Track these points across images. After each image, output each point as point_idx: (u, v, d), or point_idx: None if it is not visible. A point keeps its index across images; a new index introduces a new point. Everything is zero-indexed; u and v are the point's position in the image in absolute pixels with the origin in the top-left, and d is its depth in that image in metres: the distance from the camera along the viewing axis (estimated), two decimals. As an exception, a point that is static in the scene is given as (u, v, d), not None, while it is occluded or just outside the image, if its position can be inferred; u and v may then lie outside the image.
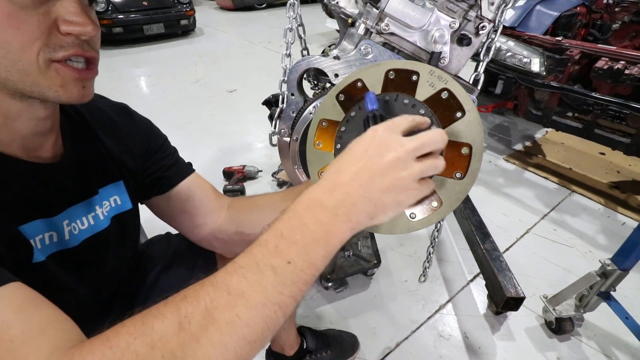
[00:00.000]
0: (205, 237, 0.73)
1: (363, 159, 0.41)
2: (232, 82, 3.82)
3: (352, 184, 0.40)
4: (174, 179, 0.70)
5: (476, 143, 0.50)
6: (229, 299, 0.34)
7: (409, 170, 0.41)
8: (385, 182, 0.40)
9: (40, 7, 0.40)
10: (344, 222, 0.39)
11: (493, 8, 0.66)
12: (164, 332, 0.33)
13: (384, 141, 0.41)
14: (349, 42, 0.97)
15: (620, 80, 1.78)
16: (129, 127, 0.67)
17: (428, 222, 0.54)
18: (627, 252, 1.10)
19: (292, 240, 0.37)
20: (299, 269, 0.37)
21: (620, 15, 2.51)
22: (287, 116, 0.89)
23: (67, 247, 0.54)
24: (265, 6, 8.00)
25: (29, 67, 0.41)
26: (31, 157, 0.50)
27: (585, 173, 2.26)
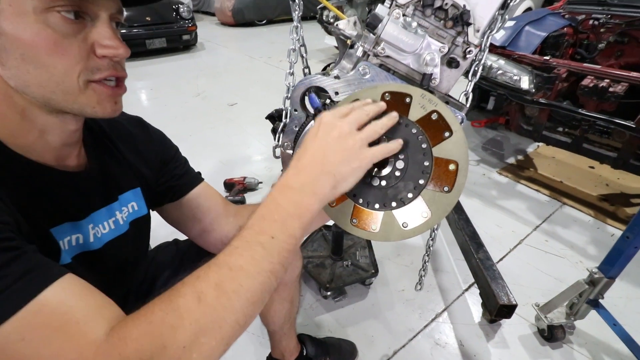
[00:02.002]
0: (213, 242, 0.77)
1: (315, 142, 0.50)
2: (233, 96, 3.91)
3: (311, 164, 0.49)
4: (185, 187, 0.75)
5: (462, 160, 0.56)
6: (232, 273, 0.42)
7: (353, 139, 0.50)
8: (338, 155, 0.49)
9: (79, 34, 0.46)
10: (311, 196, 0.48)
11: (478, 35, 0.73)
12: (187, 306, 0.40)
13: (328, 124, 0.51)
14: (347, 61, 1.04)
15: (605, 98, 1.87)
16: (145, 138, 0.72)
17: (419, 230, 0.59)
18: (613, 260, 1.15)
19: (272, 219, 0.46)
20: (282, 241, 0.46)
21: (605, 36, 2.63)
22: (290, 130, 0.95)
23: (91, 249, 0.59)
24: (265, 22, 8.20)
25: (70, 87, 0.47)
26: (60, 166, 0.56)
27: (575, 186, 2.33)
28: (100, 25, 0.47)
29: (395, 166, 0.57)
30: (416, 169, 0.56)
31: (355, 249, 1.64)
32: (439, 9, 0.73)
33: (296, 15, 1.08)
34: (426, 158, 0.56)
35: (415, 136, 0.56)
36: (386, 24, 0.72)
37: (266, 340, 1.15)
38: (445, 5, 0.72)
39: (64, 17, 0.43)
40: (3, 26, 0.42)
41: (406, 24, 0.73)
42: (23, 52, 0.43)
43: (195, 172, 0.79)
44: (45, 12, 0.42)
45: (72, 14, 0.44)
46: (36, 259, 0.42)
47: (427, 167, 0.56)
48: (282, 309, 0.96)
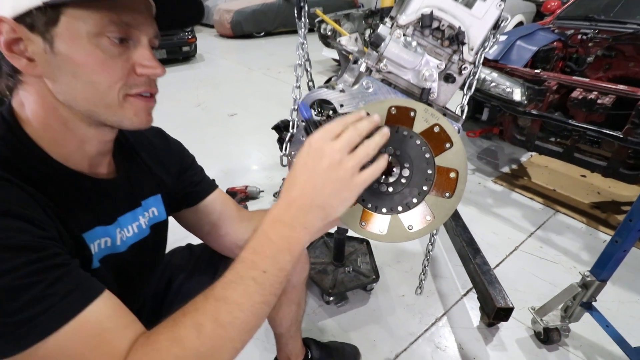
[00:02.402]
0: (228, 245, 0.82)
1: (305, 173, 0.48)
2: (233, 106, 3.97)
3: (301, 197, 0.48)
4: (202, 193, 0.80)
5: (461, 169, 0.61)
6: (227, 307, 0.46)
7: (344, 169, 0.47)
8: (328, 188, 0.47)
9: (123, 55, 0.51)
10: (301, 230, 0.49)
11: (472, 53, 0.80)
12: (188, 337, 0.45)
13: (317, 150, 0.48)
14: (349, 75, 1.10)
15: (593, 109, 1.95)
16: (165, 148, 0.78)
17: (423, 232, 0.64)
18: (603, 264, 1.21)
19: (263, 254, 0.48)
20: (273, 275, 0.48)
21: (593, 50, 2.74)
22: (297, 140, 1.00)
23: (117, 252, 0.63)
24: (263, 34, 8.35)
25: (111, 101, 0.52)
26: (93, 174, 0.60)
27: (568, 194, 2.40)
28: (141, 47, 0.53)
29: (401, 174, 0.62)
30: (420, 176, 0.62)
31: (356, 255, 1.68)
32: (437, 30, 0.79)
33: (302, 32, 1.15)
34: (429, 167, 0.61)
35: (419, 147, 0.62)
36: (388, 43, 0.78)
37: (271, 345, 1.19)
38: (442, 27, 0.78)
39: (112, 41, 0.49)
40: (59, 47, 0.47)
41: (406, 43, 0.79)
42: (74, 70, 0.49)
43: (211, 180, 0.84)
44: (97, 37, 0.48)
45: (118, 39, 0.49)
46: (79, 276, 0.47)
47: (430, 175, 0.61)
48: (290, 311, 1.00)
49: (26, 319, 0.41)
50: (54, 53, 0.47)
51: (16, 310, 0.41)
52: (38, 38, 0.47)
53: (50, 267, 0.44)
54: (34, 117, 0.53)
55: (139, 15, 0.51)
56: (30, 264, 0.42)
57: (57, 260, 0.45)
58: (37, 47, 0.47)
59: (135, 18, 0.51)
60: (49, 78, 0.49)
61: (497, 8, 0.76)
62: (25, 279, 0.41)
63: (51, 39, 0.47)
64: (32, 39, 0.47)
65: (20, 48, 0.48)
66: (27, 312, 0.41)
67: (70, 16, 0.46)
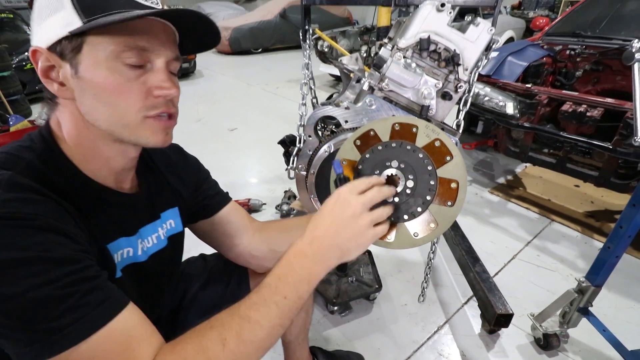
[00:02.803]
0: (241, 254, 0.86)
1: (330, 216, 0.57)
2: (232, 121, 4.04)
3: (325, 237, 0.57)
4: (217, 205, 0.85)
5: (462, 179, 0.66)
6: (250, 326, 0.52)
7: (364, 221, 0.57)
8: (348, 233, 0.56)
9: (140, 78, 0.54)
10: (320, 265, 0.57)
11: (467, 72, 0.87)
12: (214, 349, 0.50)
13: (345, 200, 0.58)
14: (351, 92, 1.17)
15: (583, 121, 2.04)
16: (182, 163, 0.83)
17: (428, 239, 0.69)
18: (598, 269, 1.26)
19: (286, 281, 0.55)
20: (292, 301, 0.55)
21: (582, 64, 2.85)
22: (304, 154, 1.06)
23: (138, 261, 0.68)
24: (261, 51, 8.52)
25: (130, 122, 0.56)
26: (118, 188, 0.65)
27: (562, 204, 2.46)
28: (157, 70, 0.56)
29: (406, 185, 0.67)
30: (424, 187, 0.66)
31: (359, 265, 1.72)
32: (434, 52, 0.87)
33: (307, 53, 1.22)
34: (432, 178, 0.66)
35: (422, 160, 0.67)
36: (390, 65, 0.85)
37: (277, 355, 1.21)
38: (439, 50, 0.85)
39: (128, 65, 0.53)
40: (82, 72, 0.52)
41: (406, 65, 0.86)
42: (95, 93, 0.53)
43: (225, 193, 0.89)
44: (114, 61, 0.52)
45: (134, 62, 0.53)
46: (108, 288, 0.51)
47: (433, 185, 0.66)
48: (299, 318, 1.04)
49: (62, 326, 0.45)
50: (79, 77, 0.53)
51: (54, 317, 0.45)
52: (66, 64, 0.53)
53: (84, 279, 0.48)
54: (68, 136, 0.58)
55: (155, 40, 0.54)
56: (68, 275, 0.46)
57: (91, 272, 0.49)
58: (66, 72, 0.53)
59: (150, 42, 0.54)
60: (77, 100, 0.55)
61: (488, 33, 0.83)
62: (63, 289, 0.46)
63: (76, 65, 0.52)
64: (62, 66, 0.53)
65: (54, 74, 0.54)
66: (63, 320, 0.45)
67: (91, 43, 0.51)
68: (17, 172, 0.50)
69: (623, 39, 2.60)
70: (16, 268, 0.44)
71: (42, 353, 0.45)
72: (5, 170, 0.50)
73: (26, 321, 0.44)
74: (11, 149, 0.55)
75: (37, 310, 0.44)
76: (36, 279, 0.44)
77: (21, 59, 4.59)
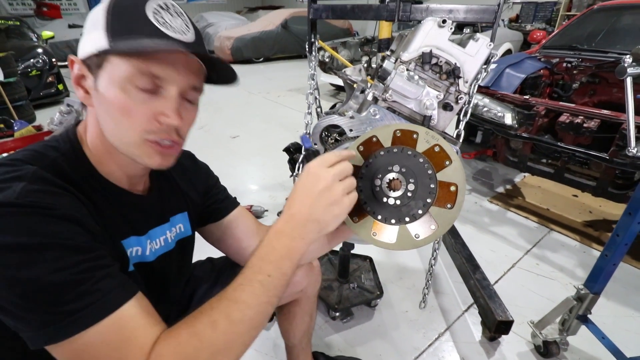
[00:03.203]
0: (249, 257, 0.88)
1: (303, 192, 0.58)
2: (234, 129, 4.09)
3: (300, 212, 0.58)
4: (226, 210, 0.88)
5: (460, 183, 0.69)
6: (237, 306, 0.54)
7: (335, 190, 0.58)
8: (322, 204, 0.57)
9: (147, 102, 0.57)
10: (299, 240, 0.58)
11: (467, 85, 0.91)
12: (205, 332, 0.52)
13: (315, 175, 0.58)
14: (354, 102, 1.21)
15: (580, 132, 2.08)
16: (193, 168, 0.86)
17: (429, 240, 0.72)
18: (596, 277, 1.28)
19: (268, 260, 0.57)
20: (276, 278, 0.56)
21: (578, 77, 2.91)
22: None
23: (146, 261, 0.70)
24: (262, 60, 8.64)
25: (130, 141, 0.58)
26: (132, 189, 0.69)
27: (561, 213, 2.49)
28: (168, 98, 0.58)
29: (407, 188, 0.70)
30: (424, 190, 0.69)
31: (360, 272, 1.74)
32: (435, 65, 0.91)
33: (313, 65, 1.26)
34: (432, 181, 0.69)
35: (422, 164, 0.70)
36: (394, 77, 0.89)
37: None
38: (440, 63, 0.89)
39: (138, 88, 0.55)
40: (100, 86, 0.57)
41: (409, 77, 0.90)
42: (106, 107, 0.58)
43: (233, 197, 0.92)
44: (126, 83, 0.55)
45: (144, 87, 0.56)
46: (119, 277, 0.54)
47: (433, 188, 0.69)
48: (303, 322, 1.06)
49: (75, 309, 0.48)
50: (97, 90, 0.57)
51: (69, 300, 0.47)
52: (91, 76, 0.58)
53: (98, 266, 0.51)
54: (89, 139, 0.63)
55: (171, 68, 0.56)
56: (83, 262, 0.49)
57: (104, 261, 0.53)
58: (90, 83, 0.58)
59: (165, 70, 0.56)
60: (95, 109, 0.60)
61: (487, 47, 0.88)
62: (78, 275, 0.49)
63: (97, 79, 0.57)
64: (88, 77, 0.58)
65: (82, 83, 0.59)
66: (78, 303, 0.48)
67: (111, 62, 0.55)
68: (41, 168, 0.54)
69: (618, 52, 2.67)
70: (36, 252, 0.47)
71: (55, 335, 0.47)
72: (30, 165, 0.53)
73: (42, 303, 0.47)
74: (38, 147, 0.59)
75: (53, 293, 0.47)
76: (54, 263, 0.47)
77: (27, 65, 4.66)
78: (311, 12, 1.19)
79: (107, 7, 0.56)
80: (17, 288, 0.46)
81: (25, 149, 0.59)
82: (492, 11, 0.93)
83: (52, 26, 8.48)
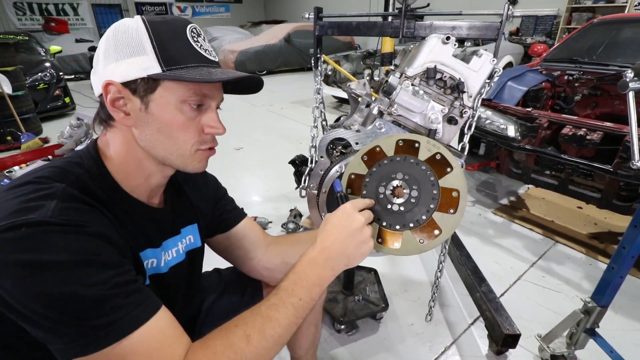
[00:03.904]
0: (255, 267, 0.90)
1: (338, 228, 0.66)
2: (238, 141, 4.13)
3: (333, 246, 0.65)
4: (234, 220, 0.89)
5: (462, 188, 0.71)
6: (270, 323, 0.60)
7: (366, 232, 0.67)
8: (353, 242, 0.65)
9: (197, 117, 0.63)
10: (329, 270, 0.66)
11: (471, 99, 0.93)
12: (239, 344, 0.56)
13: (349, 215, 0.67)
14: (359, 115, 1.23)
15: (583, 144, 2.08)
16: (203, 181, 0.88)
17: (433, 245, 0.73)
18: (603, 290, 1.27)
19: (301, 285, 0.64)
20: (306, 302, 0.63)
21: (580, 89, 2.93)
22: (316, 174, 1.11)
23: (160, 272, 0.71)
24: (266, 73, 8.76)
25: (184, 153, 0.64)
26: (150, 203, 0.70)
27: (566, 225, 2.48)
28: (211, 111, 0.65)
29: (410, 195, 0.72)
30: (427, 196, 0.71)
31: (365, 284, 1.73)
32: (440, 80, 0.93)
33: (318, 79, 1.29)
34: (434, 188, 0.71)
35: (424, 171, 0.72)
36: (399, 92, 0.91)
37: (286, 373, 1.22)
38: (444, 78, 0.91)
39: (191, 107, 0.61)
40: (152, 109, 0.60)
41: (415, 92, 0.92)
42: (160, 127, 0.61)
43: (240, 208, 0.93)
44: (182, 104, 0.60)
45: (196, 105, 0.62)
46: (146, 291, 0.56)
47: (435, 194, 0.71)
48: (309, 333, 1.06)
49: (107, 323, 0.50)
50: (147, 112, 0.60)
51: (101, 315, 0.49)
52: (137, 99, 0.60)
53: (127, 282, 0.53)
54: (115, 155, 0.65)
55: (214, 88, 0.64)
56: (114, 277, 0.52)
57: (131, 276, 0.55)
58: (135, 106, 0.60)
59: (211, 90, 0.63)
60: (137, 129, 0.62)
61: (490, 63, 0.90)
62: (111, 290, 0.50)
63: (147, 102, 0.60)
64: (132, 100, 0.60)
65: (120, 104, 0.61)
66: (109, 318, 0.50)
67: (165, 87, 0.59)
68: (68, 185, 0.56)
69: (619, 65, 2.69)
70: (71, 269, 0.49)
71: (87, 348, 0.49)
72: (58, 183, 0.55)
73: (76, 317, 0.48)
74: (62, 163, 0.61)
75: (88, 307, 0.49)
76: (87, 279, 0.49)
77: (34, 79, 4.75)
78: (317, 29, 1.23)
79: (148, 33, 0.58)
80: (54, 303, 0.48)
81: (48, 165, 0.61)
82: (495, 28, 0.96)
83: (59, 40, 8.67)
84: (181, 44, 0.60)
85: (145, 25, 0.59)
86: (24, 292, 0.47)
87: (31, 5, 10.95)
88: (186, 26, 0.62)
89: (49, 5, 11.23)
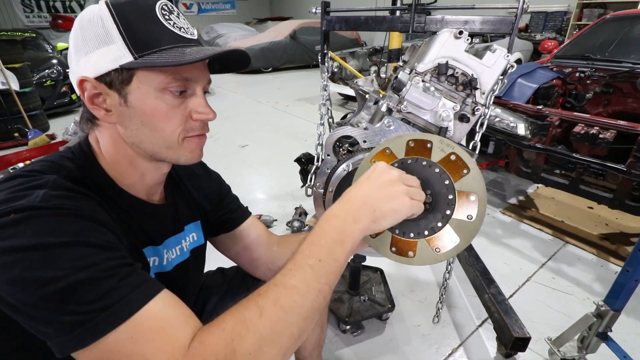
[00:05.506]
0: (260, 268, 0.88)
1: (366, 181, 0.58)
2: (243, 138, 4.12)
3: (357, 197, 0.56)
4: (239, 219, 0.87)
5: (480, 192, 0.67)
6: (286, 291, 0.50)
7: (399, 187, 0.57)
8: (382, 194, 0.56)
9: (182, 104, 0.59)
10: (351, 223, 0.54)
11: (484, 96, 0.89)
12: (251, 318, 0.48)
13: (382, 169, 0.59)
14: (366, 112, 1.20)
15: (596, 143, 2.03)
16: (206, 178, 0.86)
17: (450, 254, 0.69)
18: (617, 293, 1.23)
19: (319, 244, 0.53)
20: (327, 264, 0.52)
21: (592, 87, 2.87)
22: (322, 172, 1.08)
23: (164, 271, 0.70)
24: (271, 70, 8.74)
25: (172, 143, 0.60)
26: (149, 200, 0.68)
27: (576, 225, 2.43)
28: (197, 96, 0.61)
29: (424, 201, 0.68)
30: (442, 201, 0.66)
31: (370, 284, 1.71)
32: (451, 76, 0.89)
33: (325, 76, 1.26)
34: (450, 192, 0.66)
35: (438, 174, 0.67)
36: (409, 88, 0.88)
37: (291, 373, 1.20)
38: (456, 74, 0.88)
39: (173, 94, 0.57)
40: (131, 101, 0.56)
41: (425, 88, 0.89)
42: (143, 120, 0.57)
43: (245, 207, 0.91)
44: (162, 92, 0.56)
45: (178, 92, 0.58)
46: (144, 275, 0.52)
47: (451, 199, 0.66)
48: (314, 334, 1.04)
49: (104, 306, 0.45)
50: (127, 106, 0.57)
51: (96, 298, 0.45)
52: (115, 93, 0.56)
53: (122, 264, 0.50)
54: (106, 153, 0.62)
55: (196, 70, 0.59)
56: (108, 260, 0.48)
57: (127, 260, 0.51)
58: (114, 100, 0.57)
59: (193, 73, 0.58)
60: (121, 125, 0.59)
61: (504, 59, 0.86)
62: (104, 272, 0.47)
63: (125, 95, 0.56)
64: (109, 94, 0.56)
65: (100, 101, 0.57)
66: (105, 301, 0.46)
67: (141, 77, 0.55)
68: (60, 177, 0.53)
69: (633, 62, 2.63)
70: (61, 251, 0.46)
71: (85, 338, 0.45)
72: (50, 175, 0.53)
73: (71, 303, 0.44)
74: (54, 158, 0.59)
75: (81, 291, 0.45)
76: (79, 261, 0.46)
77: (42, 75, 4.77)
78: (324, 24, 1.20)
79: (112, 18, 0.53)
80: (45, 289, 0.44)
81: (40, 159, 0.58)
82: (509, 22, 0.92)
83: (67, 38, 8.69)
84: (151, 25, 0.55)
85: (109, 10, 0.54)
86: (11, 280, 0.44)
87: (39, 3, 11.03)
88: (155, 3, 0.56)
89: (57, 3, 11.30)
